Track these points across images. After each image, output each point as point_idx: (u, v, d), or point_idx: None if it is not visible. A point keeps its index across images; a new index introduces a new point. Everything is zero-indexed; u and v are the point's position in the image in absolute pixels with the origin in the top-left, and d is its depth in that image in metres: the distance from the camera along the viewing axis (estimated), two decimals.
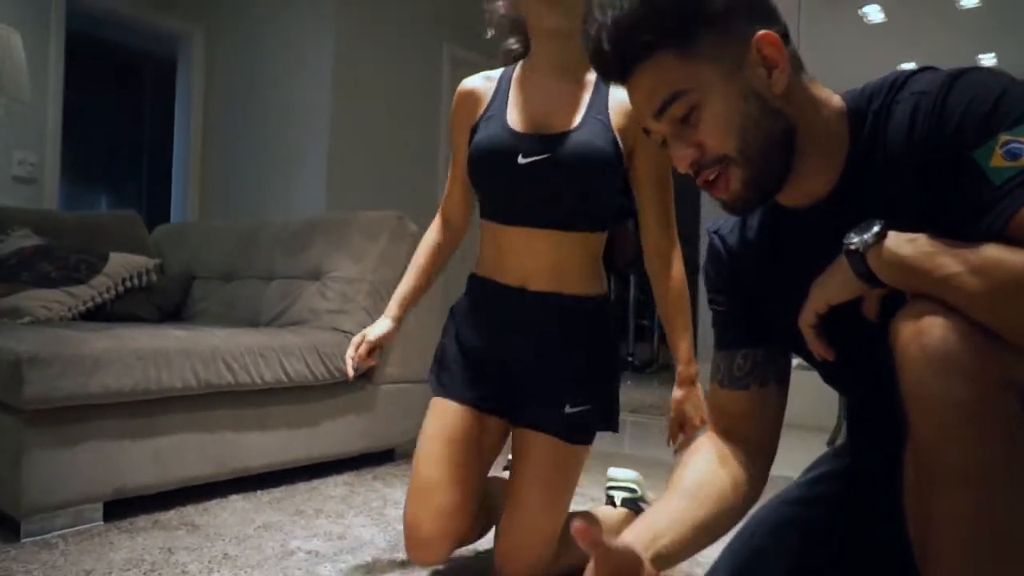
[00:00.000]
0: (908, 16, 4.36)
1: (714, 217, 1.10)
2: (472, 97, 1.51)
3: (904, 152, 0.86)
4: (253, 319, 2.58)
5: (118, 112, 6.71)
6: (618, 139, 1.39)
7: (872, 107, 0.90)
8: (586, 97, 1.42)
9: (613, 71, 0.93)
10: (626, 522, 1.84)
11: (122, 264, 2.57)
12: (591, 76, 1.44)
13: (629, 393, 4.91)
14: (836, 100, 0.93)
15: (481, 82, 1.52)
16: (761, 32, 0.88)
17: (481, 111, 1.48)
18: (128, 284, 2.56)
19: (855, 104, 0.92)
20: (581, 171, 1.37)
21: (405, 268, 2.51)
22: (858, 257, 0.84)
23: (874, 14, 4.38)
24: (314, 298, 2.43)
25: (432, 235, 1.65)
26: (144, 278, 2.61)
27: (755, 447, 1.07)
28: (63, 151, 4.29)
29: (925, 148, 0.84)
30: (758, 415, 1.08)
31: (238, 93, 4.81)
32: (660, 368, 6.33)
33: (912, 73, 0.89)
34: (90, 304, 2.43)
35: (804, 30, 3.99)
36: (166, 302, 2.71)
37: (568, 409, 1.42)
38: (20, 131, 4.02)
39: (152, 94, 6.58)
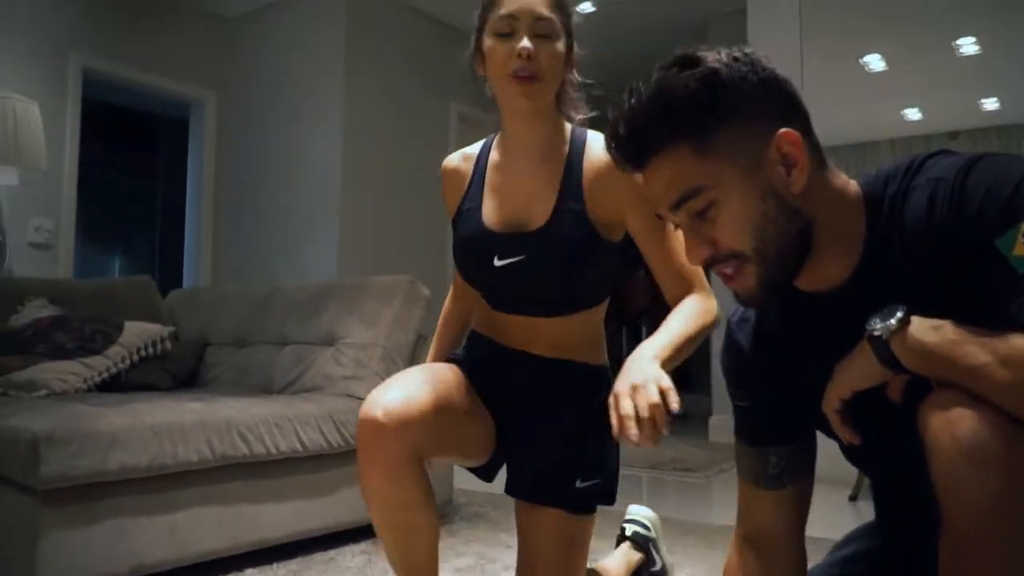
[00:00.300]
0: (909, 64, 4.40)
1: (733, 306, 1.10)
2: (454, 178, 1.49)
3: (922, 236, 0.86)
4: (267, 385, 2.58)
5: (132, 174, 6.82)
6: (595, 223, 1.33)
7: (888, 191, 0.90)
8: (559, 180, 1.36)
9: (629, 160, 0.94)
10: (629, 556, 1.80)
11: (137, 333, 2.58)
12: (564, 150, 1.39)
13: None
14: (852, 187, 0.93)
15: (460, 162, 1.49)
16: (782, 130, 0.88)
17: (461, 197, 1.45)
18: (143, 353, 2.57)
19: (871, 189, 0.92)
20: (558, 269, 1.33)
21: (418, 332, 2.54)
22: (881, 343, 0.84)
23: (875, 63, 4.42)
24: (328, 364, 2.43)
25: (448, 305, 1.65)
26: (158, 346, 2.62)
27: (789, 547, 1.06)
28: (78, 214, 4.36)
29: (944, 233, 0.84)
30: (792, 512, 1.07)
31: (250, 156, 4.89)
32: (676, 418, 6.26)
33: (927, 157, 0.90)
34: (105, 375, 2.44)
35: (806, 80, 4.04)
36: (180, 369, 2.71)
37: (579, 484, 1.39)
38: (37, 198, 4.09)
39: (165, 155, 6.70)
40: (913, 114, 4.52)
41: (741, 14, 4.05)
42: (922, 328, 0.82)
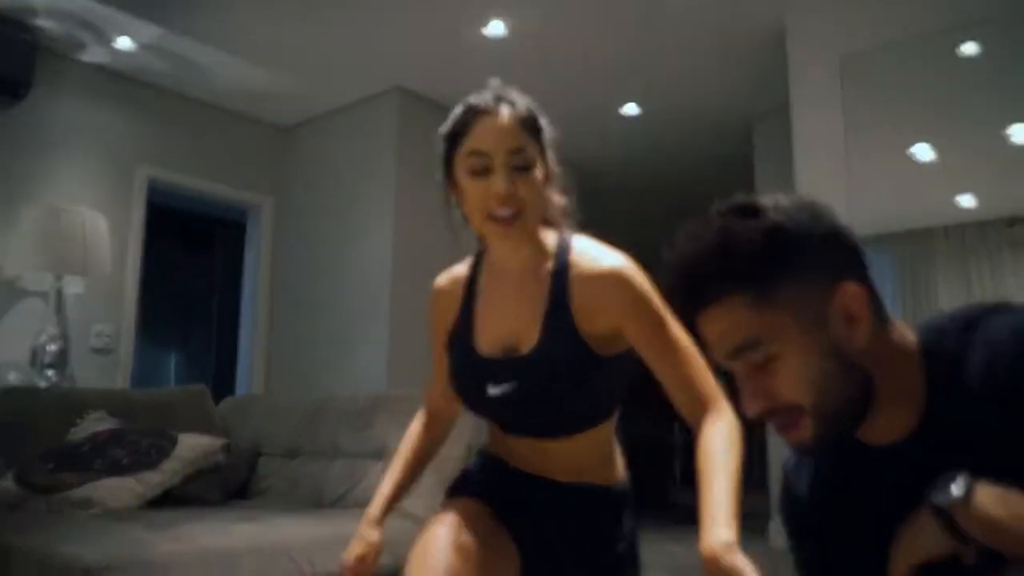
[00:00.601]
0: (959, 153, 4.36)
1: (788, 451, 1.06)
2: (445, 300, 1.41)
3: (983, 398, 0.83)
4: (317, 498, 2.57)
5: (189, 274, 7.04)
6: (588, 340, 1.25)
7: (947, 344, 0.88)
8: (546, 299, 1.28)
9: (685, 304, 0.93)
10: None
11: (191, 446, 2.61)
12: (549, 266, 1.30)
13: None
14: (910, 337, 0.91)
15: (449, 285, 1.42)
16: (845, 285, 0.86)
17: (453, 321, 1.39)
18: (196, 467, 2.59)
19: (928, 341, 0.90)
20: (552, 392, 1.26)
21: (468, 444, 2.51)
22: (945, 515, 0.80)
23: (924, 153, 4.39)
24: (379, 479, 2.41)
25: (417, 428, 1.53)
26: (211, 459, 2.64)
27: None
28: (138, 315, 4.48)
29: (1005, 398, 0.81)
30: None
31: (304, 260, 5.01)
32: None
33: (985, 311, 0.88)
34: (159, 491, 2.46)
35: (853, 172, 4.02)
36: (232, 481, 2.73)
37: None
38: (100, 305, 4.23)
39: (223, 257, 6.91)
40: (967, 201, 4.45)
41: (785, 111, 4.09)
42: (987, 499, 0.77)
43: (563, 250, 1.31)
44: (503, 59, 4.13)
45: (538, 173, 1.26)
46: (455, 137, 1.27)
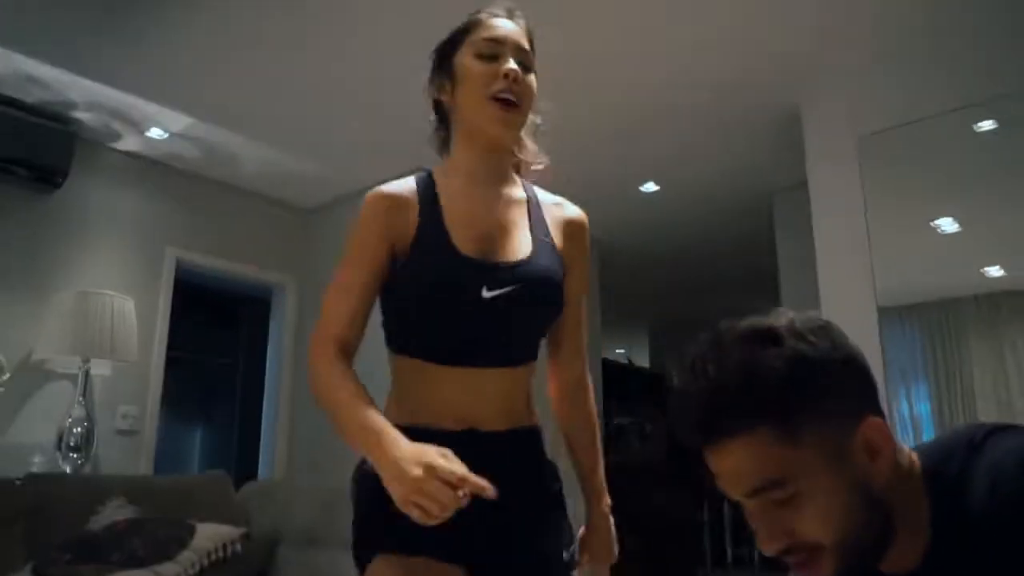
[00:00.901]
0: (983, 224, 4.32)
1: None
2: (396, 209, 1.27)
3: (989, 525, 0.81)
4: None
5: (214, 352, 7.10)
6: (562, 263, 1.31)
7: (951, 469, 0.85)
8: (526, 215, 1.32)
9: (697, 436, 0.88)
10: None
11: (209, 536, 2.59)
12: (523, 191, 1.36)
13: None
14: (915, 463, 0.89)
15: (402, 193, 1.29)
16: (870, 419, 0.84)
17: (413, 227, 1.26)
18: (213, 557, 2.56)
19: (931, 464, 0.88)
20: (546, 304, 1.27)
21: None
22: None
23: (947, 225, 4.36)
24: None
25: (341, 368, 1.28)
26: (229, 549, 2.62)
27: None
28: (163, 394, 4.50)
29: (1009, 524, 0.79)
30: None
31: None
32: None
33: (988, 433, 0.86)
34: None
35: (875, 244, 4.00)
36: (250, 570, 2.69)
37: (566, 556, 1.28)
38: (126, 386, 4.27)
39: (247, 335, 6.97)
40: (995, 271, 4.39)
41: (804, 185, 4.10)
42: None
43: (530, 188, 1.39)
44: None
45: (535, 81, 1.31)
46: (467, 28, 1.32)
